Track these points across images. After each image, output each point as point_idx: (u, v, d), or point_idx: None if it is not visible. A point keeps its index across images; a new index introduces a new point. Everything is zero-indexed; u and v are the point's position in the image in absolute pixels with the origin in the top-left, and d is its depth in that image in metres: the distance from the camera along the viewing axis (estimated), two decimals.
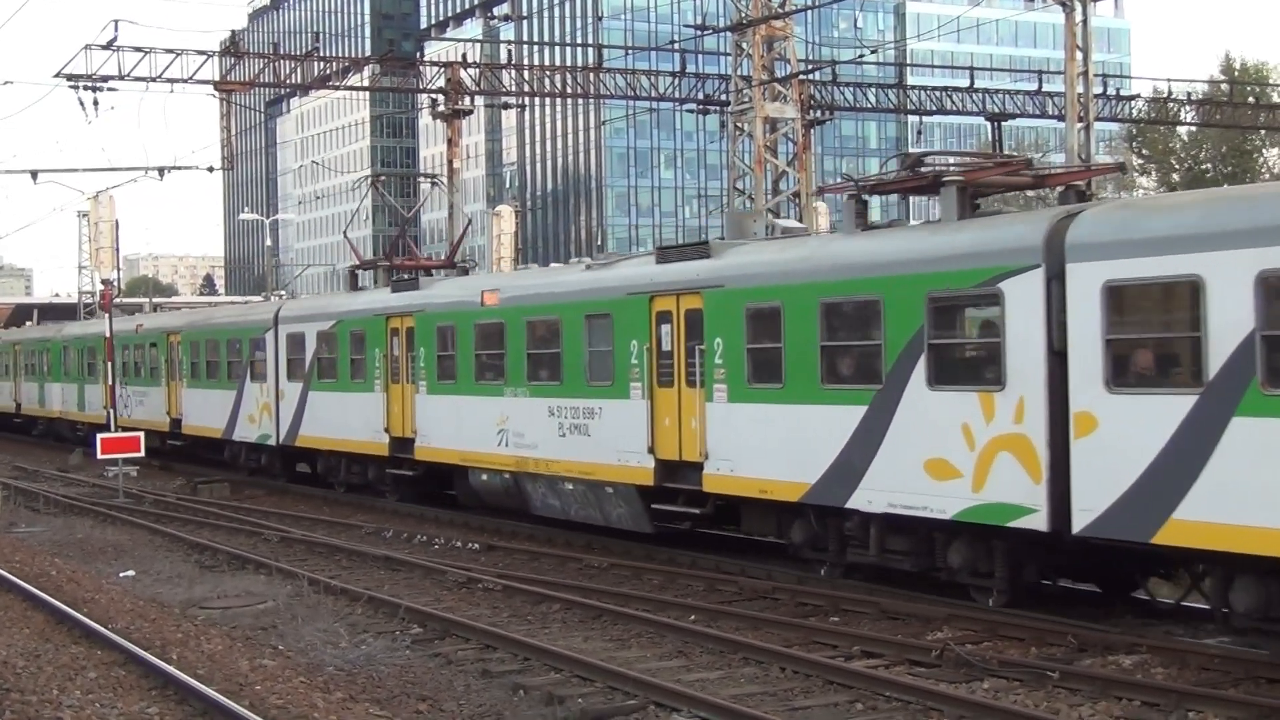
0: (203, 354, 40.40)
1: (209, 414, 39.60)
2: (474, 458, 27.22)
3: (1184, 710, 13.23)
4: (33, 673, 15.50)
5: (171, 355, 42.83)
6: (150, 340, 44.93)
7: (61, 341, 53.98)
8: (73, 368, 52.53)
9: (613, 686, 14.62)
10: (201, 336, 40.85)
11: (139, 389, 45.69)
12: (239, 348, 37.87)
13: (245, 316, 39.60)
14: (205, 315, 43.60)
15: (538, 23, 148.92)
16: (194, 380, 40.96)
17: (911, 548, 18.51)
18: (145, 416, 44.60)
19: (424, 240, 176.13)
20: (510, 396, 25.91)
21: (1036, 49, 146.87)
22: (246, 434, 37.40)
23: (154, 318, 50.53)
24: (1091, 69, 35.31)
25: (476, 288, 27.87)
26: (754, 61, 38.91)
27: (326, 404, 33.10)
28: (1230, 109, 60.40)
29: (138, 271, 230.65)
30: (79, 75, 39.47)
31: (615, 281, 23.77)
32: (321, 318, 33.87)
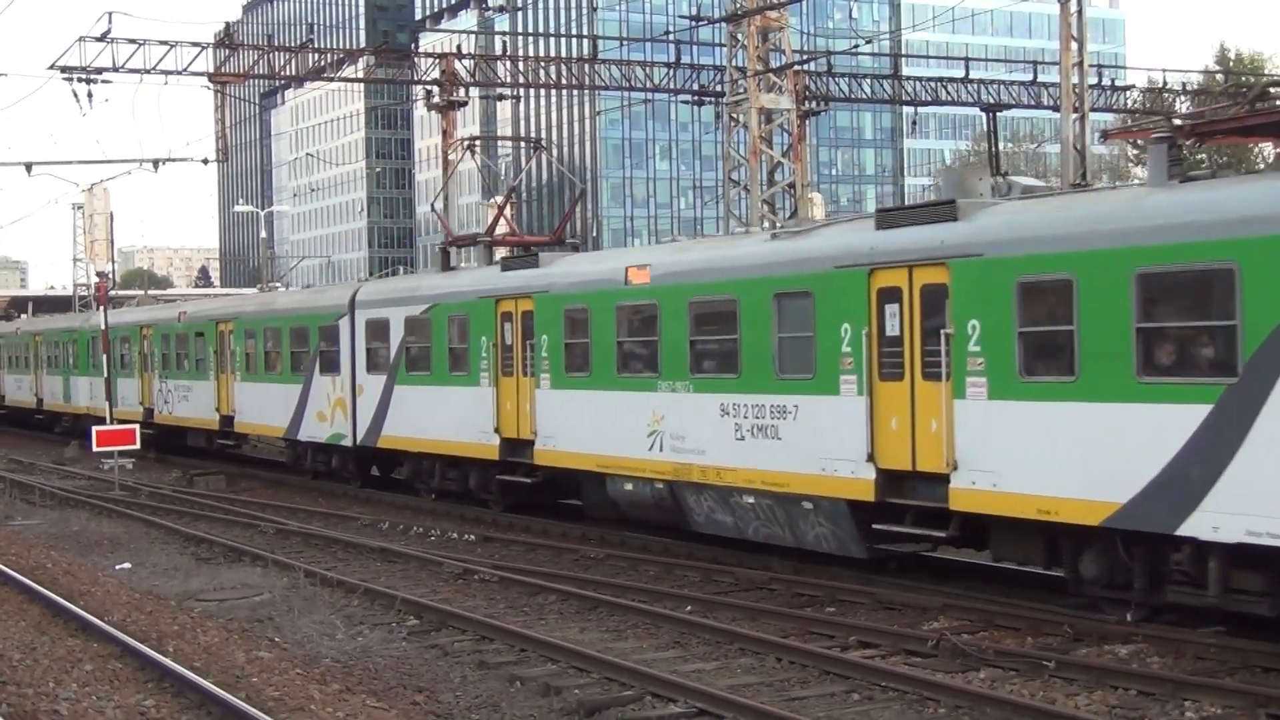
0: (260, 344, 36.68)
1: (268, 411, 36.10)
2: (614, 464, 23.29)
3: (1180, 699, 13.24)
4: (29, 665, 15.49)
5: (222, 346, 38.84)
6: (196, 329, 40.80)
7: (90, 332, 49.77)
8: (102, 360, 48.42)
9: (609, 677, 14.63)
10: (259, 324, 37.05)
11: (182, 383, 41.68)
12: (306, 336, 34.00)
13: (313, 301, 35.27)
14: (264, 301, 39.24)
15: (532, 14, 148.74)
16: (250, 373, 37.20)
17: (1272, 587, 14.51)
18: (190, 414, 41.27)
19: (420, 232, 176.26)
20: (666, 392, 21.90)
21: (1031, 39, 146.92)
22: (315, 433, 33.78)
23: (201, 304, 46.09)
24: (1086, 59, 35.27)
25: (618, 263, 23.93)
26: (749, 52, 38.88)
27: (418, 400, 29.28)
28: (1228, 100, 60.27)
29: (133, 264, 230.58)
30: (73, 67, 39.41)
31: (817, 252, 19.59)
32: (411, 301, 29.79)
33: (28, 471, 41.79)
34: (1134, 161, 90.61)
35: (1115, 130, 21.10)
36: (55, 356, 54.34)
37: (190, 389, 40.97)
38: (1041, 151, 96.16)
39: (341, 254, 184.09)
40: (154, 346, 43.46)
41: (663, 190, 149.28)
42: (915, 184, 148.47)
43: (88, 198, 52.44)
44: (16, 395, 60.56)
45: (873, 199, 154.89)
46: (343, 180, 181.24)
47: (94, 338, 48.20)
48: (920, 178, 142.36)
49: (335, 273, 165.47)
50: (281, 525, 27.65)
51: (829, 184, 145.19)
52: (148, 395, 44.25)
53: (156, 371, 43.12)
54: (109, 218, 51.00)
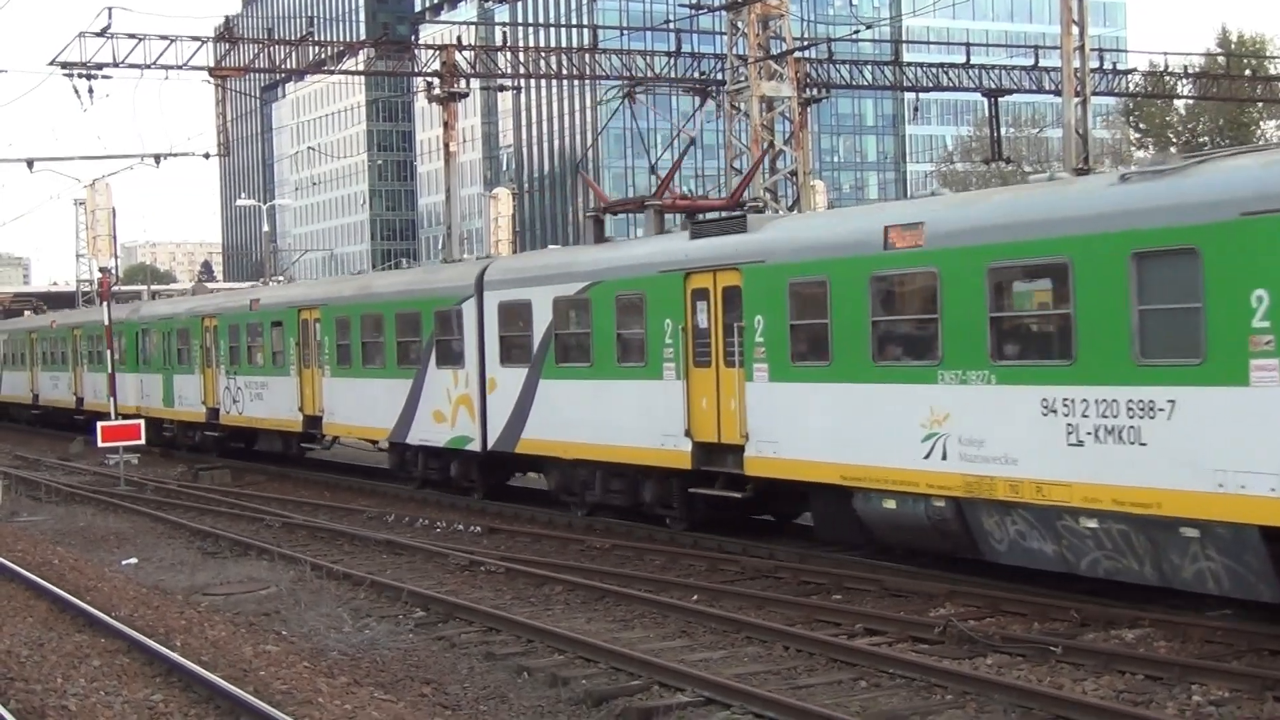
0: (356, 333, 32.02)
1: (366, 410, 31.58)
2: (867, 475, 18.73)
3: (1187, 683, 13.25)
4: (36, 662, 15.52)
5: (305, 336, 34.52)
6: (273, 318, 36.39)
7: (139, 324, 45.99)
8: (155, 355, 44.40)
9: (616, 667, 14.65)
10: (354, 311, 32.22)
11: (255, 379, 37.26)
12: (416, 323, 29.52)
13: (426, 283, 30.35)
14: (360, 284, 33.98)
15: (532, 4, 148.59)
16: (342, 367, 32.63)
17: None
18: (266, 414, 36.87)
19: (422, 224, 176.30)
20: (952, 384, 17.40)
21: (1032, 24, 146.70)
22: (430, 436, 29.26)
23: (277, 291, 40.62)
24: (1088, 43, 35.19)
25: (872, 223, 19.11)
26: (749, 40, 38.82)
27: (572, 397, 24.80)
28: (1227, 81, 60.20)
29: (135, 259, 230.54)
30: (73, 63, 39.31)
31: (1199, 194, 14.82)
32: (563, 278, 25.19)
33: (33, 468, 41.83)
34: (1136, 145, 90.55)
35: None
36: (98, 351, 49.00)
37: (266, 386, 36.60)
38: (1043, 136, 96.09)
39: (344, 247, 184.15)
40: (219, 339, 39.04)
41: None
42: (917, 170, 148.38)
43: (90, 193, 52.34)
44: (53, 394, 55.67)
45: (875, 186, 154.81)
46: (344, 173, 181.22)
47: (144, 330, 45.25)
48: (922, 164, 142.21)
49: (338, 266, 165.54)
50: (287, 519, 27.69)
51: (831, 171, 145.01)
52: (211, 394, 39.95)
53: (223, 367, 38.86)
54: (111, 213, 50.86)
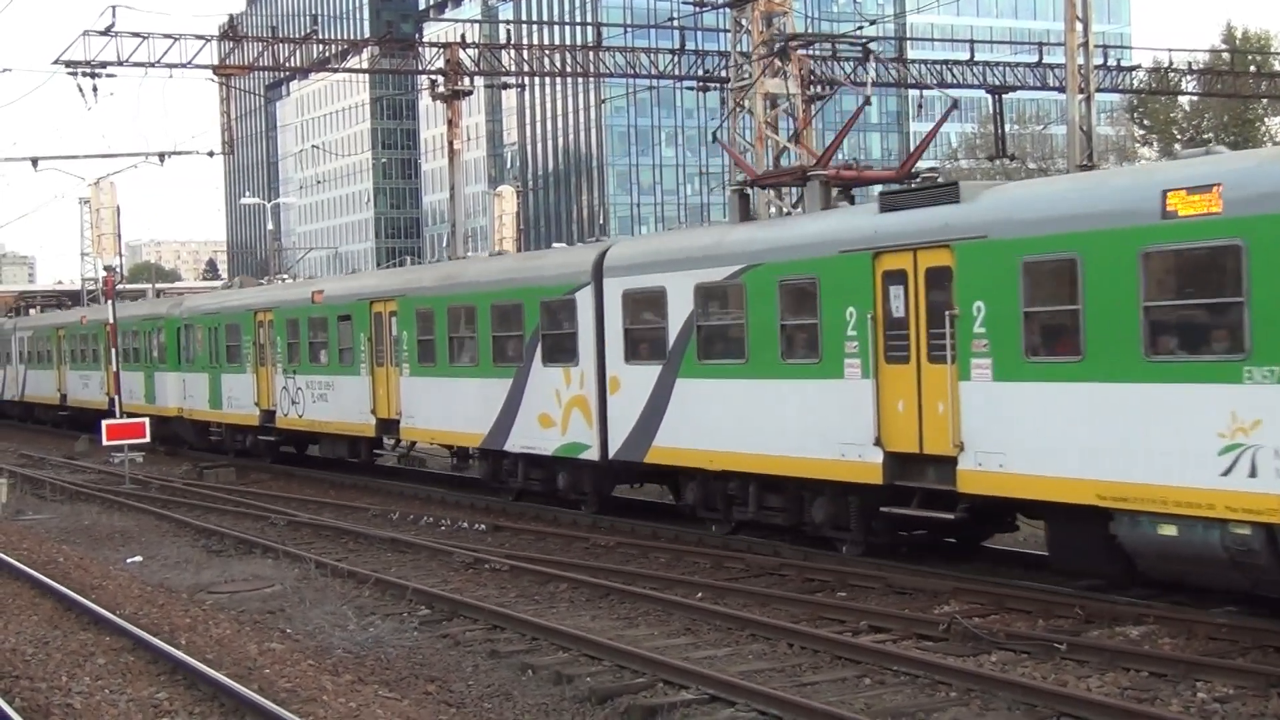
0: (441, 328, 28.62)
1: (454, 413, 28.31)
2: (1138, 494, 15.41)
3: (1192, 680, 13.24)
4: (41, 660, 15.54)
5: (379, 331, 31.22)
6: (340, 312, 32.98)
7: (182, 319, 42.18)
8: (201, 352, 40.63)
9: (621, 665, 14.64)
10: (439, 303, 28.83)
11: (318, 378, 33.86)
12: (517, 316, 26.19)
13: (530, 270, 26.87)
14: (445, 273, 30.28)
15: (536, 2, 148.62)
16: (424, 365, 29.28)
17: None
18: (332, 416, 33.41)
19: (426, 221, 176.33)
20: (1262, 383, 14.11)
21: (1036, 20, 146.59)
22: (534, 442, 25.93)
23: (344, 281, 37.26)
24: (1092, 40, 35.13)
25: (1144, 185, 15.68)
26: (753, 37, 38.79)
27: (722, 398, 21.32)
28: (1232, 78, 60.16)
29: (140, 257, 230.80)
30: (78, 62, 39.32)
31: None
32: (707, 262, 21.69)
33: (38, 466, 41.85)
34: (1141, 142, 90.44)
35: None
36: (135, 349, 46.27)
37: (331, 386, 33.15)
38: (1048, 133, 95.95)
39: (348, 245, 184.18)
40: (276, 334, 35.74)
41: (669, 177, 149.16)
42: (921, 167, 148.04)
43: (94, 192, 52.37)
44: (83, 394, 51.54)
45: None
46: (349, 171, 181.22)
47: (188, 326, 41.62)
48: (927, 160, 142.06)
49: (342, 264, 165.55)
50: (292, 517, 27.69)
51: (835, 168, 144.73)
52: (266, 394, 36.73)
53: (280, 365, 35.47)
54: (116, 211, 50.87)
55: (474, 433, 27.75)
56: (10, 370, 62.35)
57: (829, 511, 20.23)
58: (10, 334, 62.66)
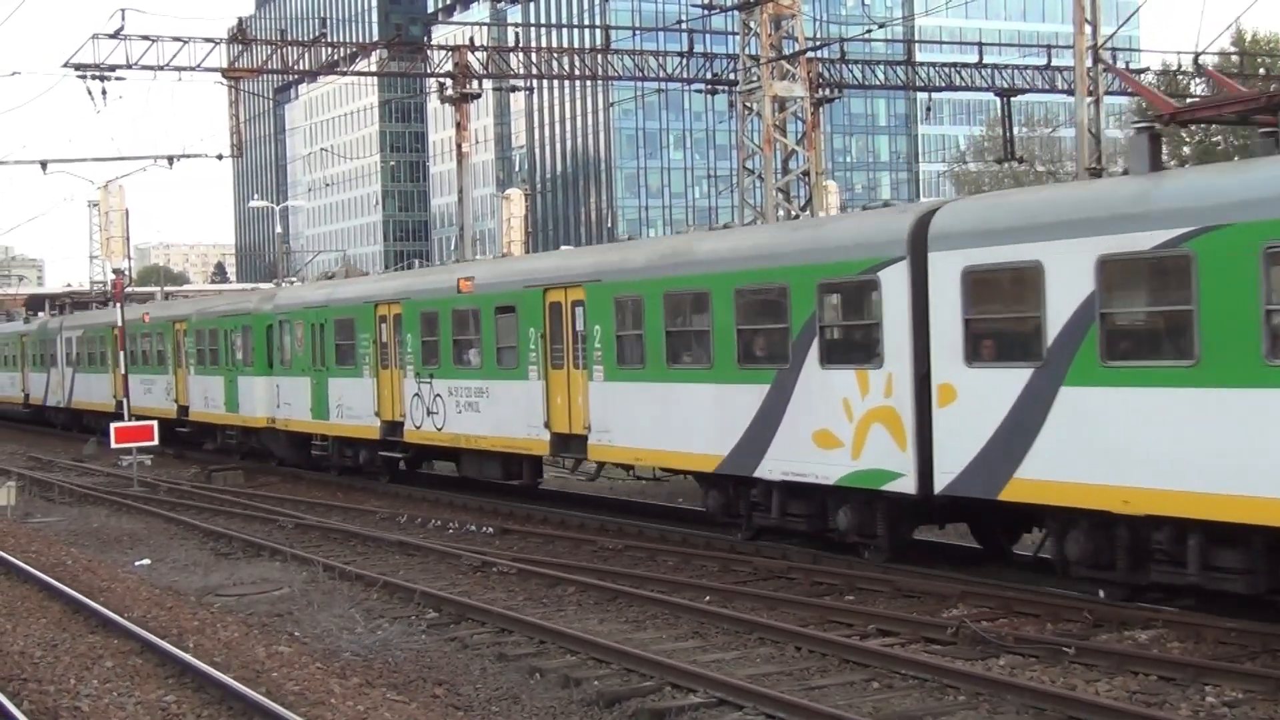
0: (654, 320, 22.72)
1: (677, 428, 22.37)
2: None
3: (1201, 684, 13.22)
4: (50, 662, 15.56)
5: (557, 326, 25.34)
6: (499, 303, 27.06)
7: (277, 314, 36.72)
8: (301, 353, 35.09)
9: (629, 668, 14.63)
10: (653, 288, 22.79)
11: (468, 384, 28.01)
12: (779, 304, 20.38)
13: (801, 244, 20.59)
14: (662, 251, 23.96)
15: (544, 5, 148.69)
16: (627, 368, 23.46)
17: None
18: (484, 430, 27.57)
19: (435, 225, 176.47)
20: None
21: (1045, 23, 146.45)
22: (806, 467, 19.91)
23: (502, 265, 30.55)
24: (1100, 43, 35.12)
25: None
26: (762, 40, 38.79)
27: (1150, 413, 15.42)
28: (1241, 81, 60.12)
29: (149, 260, 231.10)
30: (87, 65, 39.46)
31: None
32: (1116, 224, 15.81)
33: (47, 469, 41.91)
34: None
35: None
36: (211, 350, 40.68)
37: (485, 394, 27.57)
38: (1056, 136, 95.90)
39: (357, 248, 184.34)
40: (406, 331, 30.16)
41: (677, 180, 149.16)
42: (930, 170, 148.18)
43: (103, 195, 52.56)
44: (144, 401, 45.26)
45: (888, 186, 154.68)
46: (357, 174, 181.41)
47: (283, 322, 36.22)
48: (934, 164, 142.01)
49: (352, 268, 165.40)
50: (300, 520, 27.70)
51: (844, 171, 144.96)
52: (392, 402, 30.93)
53: (412, 367, 29.92)
54: (125, 214, 51.10)
55: (706, 453, 21.72)
56: (55, 374, 56.21)
57: None
58: (56, 334, 56.43)
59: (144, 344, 46.47)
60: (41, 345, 58.17)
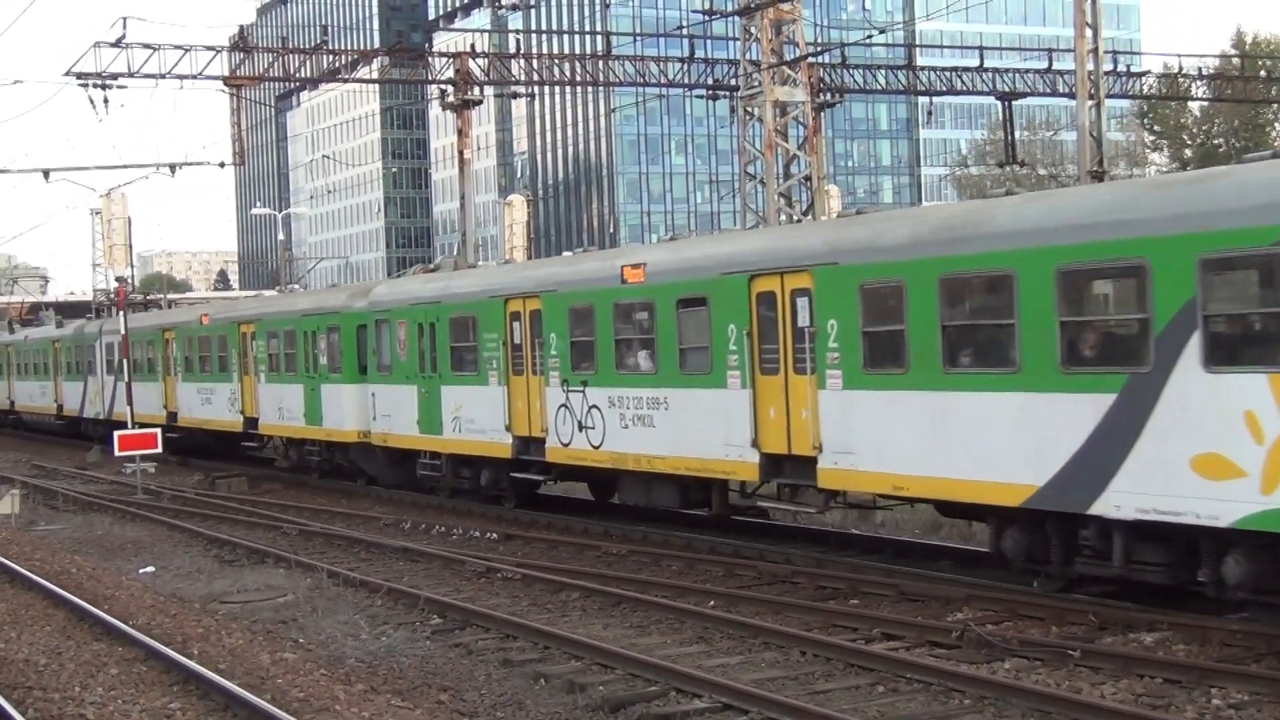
0: (922, 311, 17.83)
1: (960, 449, 17.53)
2: None
3: (1206, 687, 13.20)
4: (55, 670, 15.56)
5: (767, 322, 20.48)
6: (682, 294, 22.22)
7: (373, 312, 31.84)
8: (405, 357, 30.21)
9: (633, 673, 14.63)
10: (918, 272, 17.95)
11: (637, 392, 23.18)
12: (1133, 286, 15.83)
13: (1173, 201, 15.50)
14: (934, 224, 18.66)
15: (545, 11, 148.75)
16: (875, 371, 18.65)
17: None
18: (663, 449, 22.58)
19: (437, 231, 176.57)
20: None
21: (1046, 27, 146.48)
22: (1182, 503, 15.08)
23: (684, 248, 24.28)
24: (1101, 46, 35.14)
25: None
26: (762, 45, 38.83)
27: None
28: (1242, 83, 60.14)
29: (151, 268, 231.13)
30: (89, 73, 39.49)
31: None
32: None
33: (50, 477, 41.92)
34: (1151, 148, 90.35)
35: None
36: (287, 355, 36.20)
37: (665, 403, 22.61)
38: (1058, 139, 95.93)
39: (359, 255, 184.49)
40: (547, 330, 25.52)
41: (679, 185, 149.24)
42: (931, 174, 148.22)
43: (105, 203, 52.55)
44: (202, 412, 41.63)
45: (889, 190, 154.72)
46: (359, 181, 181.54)
47: (381, 322, 31.39)
48: (936, 168, 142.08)
49: (353, 274, 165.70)
50: (304, 526, 27.70)
51: (845, 176, 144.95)
52: (528, 415, 26.24)
53: (557, 373, 25.22)
54: (127, 222, 51.08)
55: (1007, 482, 16.98)
56: (94, 382, 50.80)
57: None
58: (95, 339, 51.34)
59: (201, 349, 41.88)
60: (78, 351, 53.10)
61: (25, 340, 61.82)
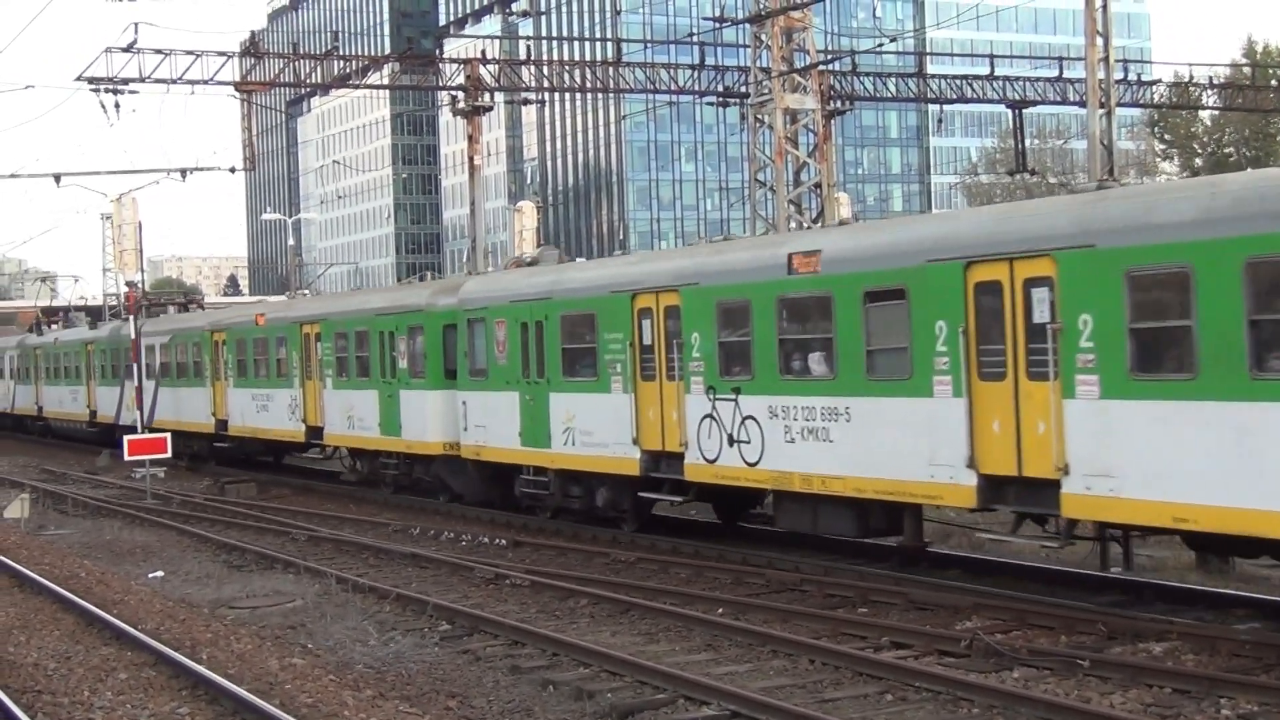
0: (1225, 305, 14.57)
1: (1268, 475, 14.22)
2: None
3: (1216, 696, 13.18)
4: (64, 675, 15.58)
5: (997, 318, 17.27)
6: (873, 285, 18.97)
7: (465, 310, 28.48)
8: (501, 362, 27.07)
9: (642, 681, 14.62)
10: (1217, 256, 14.64)
11: (806, 401, 19.94)
12: None
13: None
14: (1256, 190, 14.75)
15: (556, 18, 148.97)
16: (1147, 377, 15.56)
17: None
18: (838, 466, 19.43)
19: (447, 237, 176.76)
20: None
21: (1056, 35, 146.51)
22: None
23: (889, 230, 21.91)
24: (1112, 54, 35.11)
25: None
26: (773, 53, 38.82)
27: None
28: (1253, 92, 60.06)
29: (161, 273, 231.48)
30: (100, 78, 39.54)
31: None
32: None
33: (60, 481, 41.97)
34: (1161, 156, 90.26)
35: None
36: (358, 359, 32.66)
37: (845, 414, 19.33)
38: (1068, 148, 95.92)
39: (369, 260, 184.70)
40: (690, 330, 22.03)
41: (689, 192, 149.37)
42: (941, 182, 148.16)
43: (116, 207, 52.52)
44: (257, 420, 38.46)
45: (899, 198, 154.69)
46: (369, 187, 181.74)
47: (475, 321, 28.00)
48: (946, 175, 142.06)
49: (363, 280, 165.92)
50: (313, 532, 27.72)
51: (855, 184, 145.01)
52: (662, 426, 22.88)
53: (700, 378, 21.82)
54: (138, 227, 51.05)
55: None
56: (131, 388, 47.77)
57: None
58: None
59: (256, 352, 38.41)
60: (113, 354, 49.95)
61: (55, 342, 58.60)
